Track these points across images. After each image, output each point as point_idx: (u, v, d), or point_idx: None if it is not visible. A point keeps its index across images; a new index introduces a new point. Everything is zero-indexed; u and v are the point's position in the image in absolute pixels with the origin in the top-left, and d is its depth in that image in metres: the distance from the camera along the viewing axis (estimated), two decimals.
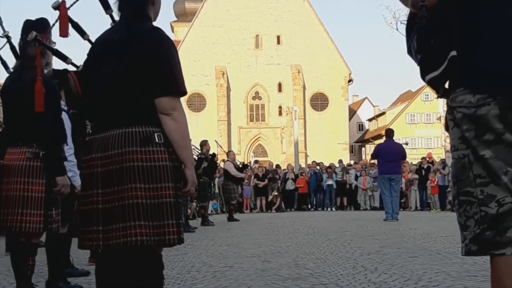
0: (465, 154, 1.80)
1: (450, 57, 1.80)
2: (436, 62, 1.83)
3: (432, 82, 1.88)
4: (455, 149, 1.84)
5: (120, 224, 2.52)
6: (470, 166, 1.79)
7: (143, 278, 2.56)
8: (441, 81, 1.87)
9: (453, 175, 1.87)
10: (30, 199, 3.98)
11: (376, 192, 21.04)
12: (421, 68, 1.89)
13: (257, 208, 22.60)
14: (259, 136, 55.87)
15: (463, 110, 1.79)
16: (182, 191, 2.66)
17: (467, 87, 1.79)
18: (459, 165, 1.82)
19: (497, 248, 1.74)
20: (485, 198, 1.76)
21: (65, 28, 3.18)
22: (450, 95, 1.85)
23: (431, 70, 1.85)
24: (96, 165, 2.60)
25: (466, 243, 1.82)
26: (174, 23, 67.28)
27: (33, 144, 4.00)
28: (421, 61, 1.88)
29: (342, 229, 10.59)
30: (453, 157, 1.86)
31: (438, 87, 1.89)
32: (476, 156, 1.77)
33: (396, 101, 69.40)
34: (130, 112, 2.58)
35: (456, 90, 1.82)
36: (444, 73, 1.83)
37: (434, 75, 1.85)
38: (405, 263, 5.70)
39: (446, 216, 15.27)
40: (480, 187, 1.77)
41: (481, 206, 1.76)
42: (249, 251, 7.23)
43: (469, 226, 1.80)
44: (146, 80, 2.55)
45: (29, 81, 3.88)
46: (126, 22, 2.68)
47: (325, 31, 56.52)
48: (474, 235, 1.78)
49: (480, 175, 1.77)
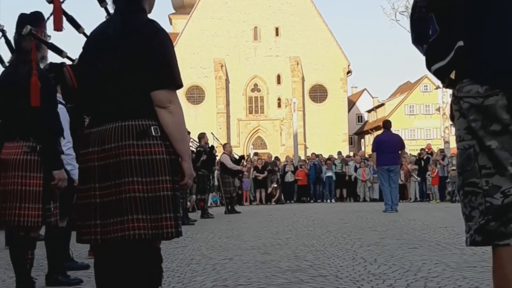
0: (471, 145, 1.79)
1: (457, 47, 1.79)
2: (443, 52, 1.82)
3: (438, 72, 1.86)
4: (461, 139, 1.83)
5: (118, 218, 2.51)
6: (475, 156, 1.78)
7: (141, 271, 2.57)
8: (448, 71, 1.85)
9: (458, 166, 1.86)
10: (28, 193, 3.97)
11: (375, 183, 21.07)
12: (427, 58, 1.88)
13: (256, 201, 22.62)
14: (258, 128, 55.84)
15: (470, 100, 1.77)
16: (180, 184, 2.65)
17: (475, 78, 1.77)
18: (464, 156, 1.81)
19: (502, 238, 1.74)
20: (490, 189, 1.75)
21: (59, 22, 3.16)
22: (456, 85, 1.83)
23: (437, 60, 1.84)
24: (93, 159, 2.59)
25: (471, 233, 1.81)
26: (172, 16, 67.10)
27: (30, 138, 3.99)
28: (427, 51, 1.86)
29: (342, 221, 10.59)
30: (459, 148, 1.85)
31: (444, 77, 1.88)
32: (482, 146, 1.76)
33: (395, 92, 69.33)
34: (126, 105, 2.57)
35: (463, 80, 1.80)
36: (450, 63, 1.81)
37: (440, 65, 1.84)
38: (405, 254, 5.70)
39: (446, 207, 15.29)
40: (485, 178, 1.76)
41: (486, 197, 1.76)
42: (249, 243, 7.24)
43: (474, 216, 1.79)
44: (141, 73, 2.54)
45: (25, 75, 3.87)
46: (121, 15, 2.66)
47: (324, 22, 56.38)
48: (479, 225, 1.78)
49: (485, 166, 1.76)
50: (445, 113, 28.10)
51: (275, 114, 55.46)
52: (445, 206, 16.44)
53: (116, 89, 2.57)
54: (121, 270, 2.57)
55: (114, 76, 2.57)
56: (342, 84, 56.54)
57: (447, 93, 29.45)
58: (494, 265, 1.81)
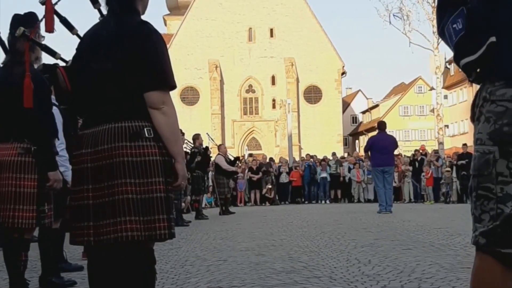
0: (491, 151, 1.77)
1: (489, 42, 1.74)
2: (473, 47, 1.77)
3: (466, 66, 1.82)
4: (481, 143, 1.80)
5: (111, 220, 2.51)
6: (494, 163, 1.76)
7: (135, 273, 2.56)
8: (477, 67, 1.81)
9: (474, 168, 1.83)
10: (22, 195, 3.96)
11: (370, 184, 21.09)
12: (456, 51, 1.83)
13: (251, 202, 22.61)
14: (253, 129, 55.83)
15: (505, 103, 1.74)
16: (173, 186, 2.65)
17: (510, 80, 1.73)
18: (483, 160, 1.79)
19: (505, 246, 1.75)
20: (503, 196, 1.75)
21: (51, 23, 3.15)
22: (487, 88, 1.79)
23: (468, 54, 1.79)
24: (86, 160, 2.59)
25: (476, 234, 1.82)
26: (167, 17, 67.07)
27: (25, 140, 3.98)
28: (458, 44, 1.81)
29: (336, 222, 10.61)
30: (478, 151, 1.82)
31: (472, 72, 1.83)
32: (503, 153, 1.74)
33: (390, 93, 69.51)
34: (119, 107, 2.56)
35: (496, 83, 1.76)
36: (480, 59, 1.77)
37: (470, 60, 1.79)
38: (399, 255, 5.71)
39: (440, 208, 15.33)
40: (501, 185, 1.75)
41: (499, 204, 1.75)
42: (243, 244, 7.24)
43: (483, 219, 1.79)
44: (135, 75, 2.54)
45: (18, 77, 3.85)
46: (115, 16, 2.66)
47: (318, 23, 56.43)
48: (486, 229, 1.78)
49: (502, 173, 1.75)
50: (439, 114, 28.13)
51: (270, 115, 55.46)
52: (439, 207, 16.48)
53: (109, 90, 2.57)
54: (115, 272, 2.57)
55: (107, 78, 2.57)
56: (337, 85, 56.60)
57: (441, 95, 29.53)
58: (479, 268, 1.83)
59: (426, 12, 28.48)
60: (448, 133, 46.26)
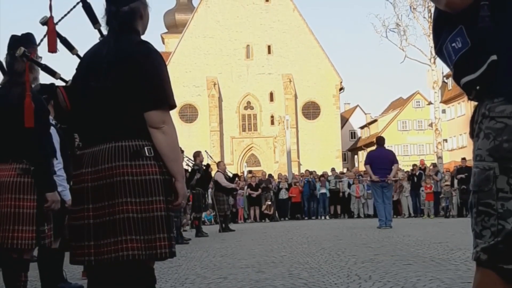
0: (491, 167, 1.76)
1: (490, 61, 1.73)
2: (474, 65, 1.76)
3: (467, 85, 1.81)
4: (481, 159, 1.79)
5: (112, 239, 2.51)
6: (494, 179, 1.75)
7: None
8: (477, 85, 1.79)
9: (474, 184, 1.82)
10: (21, 215, 3.96)
11: (370, 199, 21.06)
12: (455, 70, 1.82)
13: (250, 218, 22.55)
14: (252, 146, 55.84)
15: (505, 120, 1.73)
16: (173, 204, 2.66)
17: (510, 97, 1.72)
18: (483, 176, 1.78)
19: (507, 262, 1.75)
20: (504, 212, 1.74)
21: (54, 44, 3.17)
22: (486, 104, 1.78)
23: (468, 72, 1.78)
24: (87, 179, 2.59)
25: (477, 250, 1.81)
26: (165, 35, 67.37)
27: (23, 160, 3.99)
28: (457, 63, 1.80)
29: (336, 238, 10.58)
30: (477, 167, 1.81)
31: (472, 90, 1.81)
32: (503, 170, 1.74)
33: (388, 108, 69.60)
34: (119, 126, 2.58)
35: (495, 99, 1.75)
36: (481, 77, 1.75)
37: (470, 79, 1.78)
38: (399, 270, 5.69)
39: (439, 223, 15.30)
40: (501, 201, 1.74)
41: (500, 220, 1.74)
42: (243, 261, 7.21)
43: (484, 236, 1.79)
44: (135, 94, 2.55)
45: (17, 97, 3.87)
46: (115, 36, 2.68)
47: (316, 39, 56.69)
48: (487, 245, 1.77)
49: (503, 190, 1.74)
50: (438, 129, 28.18)
51: (268, 131, 55.50)
52: (439, 221, 16.44)
53: (110, 110, 2.58)
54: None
55: (107, 97, 2.58)
56: (335, 101, 56.72)
57: (439, 109, 29.57)
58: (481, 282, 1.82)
59: (422, 27, 28.66)
60: (447, 147, 46.32)
